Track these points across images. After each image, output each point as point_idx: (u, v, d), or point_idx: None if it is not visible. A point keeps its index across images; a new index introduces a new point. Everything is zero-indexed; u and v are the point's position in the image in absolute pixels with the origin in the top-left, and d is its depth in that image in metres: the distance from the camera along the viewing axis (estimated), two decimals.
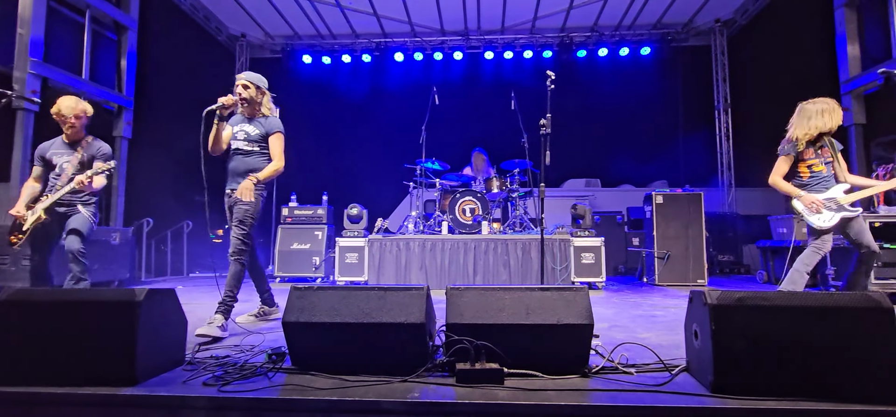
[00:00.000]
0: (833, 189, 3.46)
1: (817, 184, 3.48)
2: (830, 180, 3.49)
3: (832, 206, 3.42)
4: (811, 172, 3.52)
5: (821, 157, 3.50)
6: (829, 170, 3.50)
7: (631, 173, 9.25)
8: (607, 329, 3.18)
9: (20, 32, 5.06)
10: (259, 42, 9.91)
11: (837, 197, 3.43)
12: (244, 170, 3.17)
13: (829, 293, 1.90)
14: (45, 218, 3.22)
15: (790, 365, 1.79)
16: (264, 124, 3.27)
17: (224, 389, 1.89)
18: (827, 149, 3.51)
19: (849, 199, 3.41)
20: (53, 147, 3.44)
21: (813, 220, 3.44)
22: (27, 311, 2.05)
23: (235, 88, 3.20)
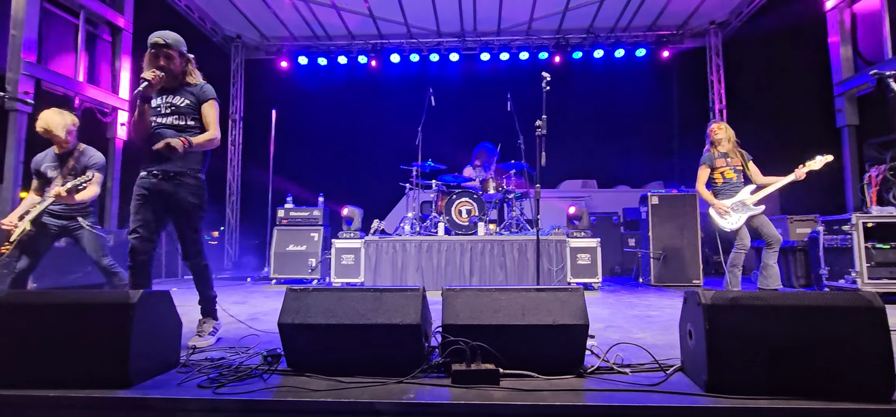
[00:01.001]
0: (741, 192, 4.12)
1: (729, 189, 4.15)
2: (740, 185, 4.15)
3: (739, 208, 4.08)
4: (724, 179, 4.20)
5: (731, 166, 4.18)
6: (739, 177, 4.16)
7: (627, 174, 9.28)
8: (603, 329, 3.19)
9: (13, 33, 5.03)
10: (254, 43, 9.88)
11: (744, 199, 4.08)
12: None
13: (822, 293, 1.92)
14: (30, 230, 3.21)
15: (784, 365, 1.80)
16: (195, 92, 2.79)
17: (219, 391, 1.88)
18: (737, 158, 4.21)
19: (754, 199, 4.05)
20: (47, 159, 3.42)
21: (723, 224, 4.12)
22: (19, 314, 2.03)
23: (153, 58, 2.67)
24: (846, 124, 6.14)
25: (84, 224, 3.39)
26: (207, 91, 2.82)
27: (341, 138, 9.75)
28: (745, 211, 4.04)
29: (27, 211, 3.28)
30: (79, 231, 3.39)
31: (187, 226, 2.76)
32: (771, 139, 8.02)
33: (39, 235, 3.28)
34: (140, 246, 2.65)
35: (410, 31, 9.29)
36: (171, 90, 2.75)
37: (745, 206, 4.05)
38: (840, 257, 4.71)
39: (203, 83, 2.85)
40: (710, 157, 4.26)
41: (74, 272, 4.67)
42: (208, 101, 2.80)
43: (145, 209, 2.67)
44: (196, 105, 2.77)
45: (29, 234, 3.20)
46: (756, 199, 4.05)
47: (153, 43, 2.66)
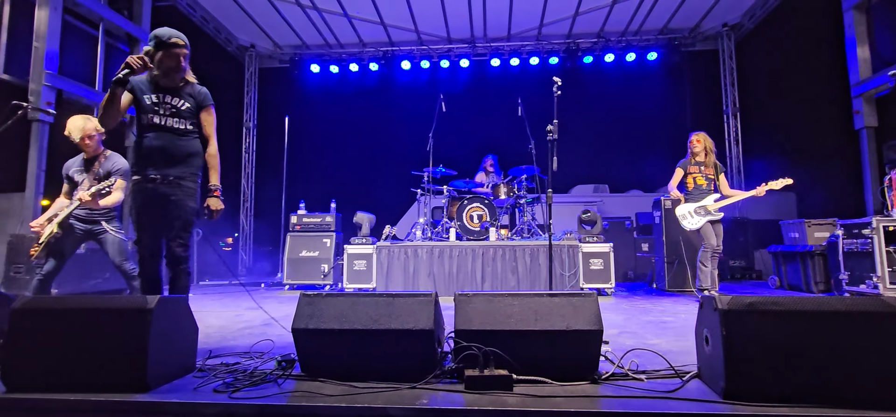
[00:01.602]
0: (707, 199, 4.66)
1: (698, 194, 4.72)
2: (708, 192, 4.69)
3: (701, 212, 4.65)
4: (695, 184, 4.76)
5: (703, 173, 4.73)
6: (709, 185, 4.71)
7: (639, 178, 9.18)
8: (617, 335, 3.16)
9: (36, 46, 5.17)
10: (268, 52, 10.02)
11: (707, 205, 4.64)
12: (184, 155, 2.61)
13: (842, 298, 1.88)
14: (56, 232, 3.29)
15: (803, 371, 1.77)
16: (195, 95, 2.67)
17: (234, 396, 1.91)
18: (711, 168, 4.74)
19: (715, 206, 4.62)
20: (75, 164, 3.54)
21: (684, 224, 4.77)
22: (40, 319, 2.08)
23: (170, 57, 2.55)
24: (864, 126, 6.02)
25: (108, 228, 3.47)
26: (207, 96, 2.71)
27: (353, 145, 9.83)
28: (705, 216, 4.62)
29: (55, 214, 3.36)
30: (103, 234, 3.48)
31: (182, 230, 2.61)
32: (787, 142, 7.91)
33: (66, 238, 3.36)
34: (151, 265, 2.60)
35: (421, 38, 9.35)
36: (172, 90, 2.62)
37: (706, 211, 4.62)
38: (860, 261, 4.61)
39: (201, 86, 2.73)
40: (685, 163, 4.84)
41: (93, 277, 4.75)
42: (207, 108, 2.70)
43: (149, 221, 2.58)
44: (195, 109, 2.67)
45: (56, 236, 3.28)
46: (718, 207, 4.61)
47: (174, 42, 2.56)
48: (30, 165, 5.05)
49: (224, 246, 9.53)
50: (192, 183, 2.65)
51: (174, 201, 2.57)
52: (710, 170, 4.72)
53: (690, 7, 8.33)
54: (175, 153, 2.58)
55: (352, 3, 8.16)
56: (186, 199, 2.60)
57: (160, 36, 2.56)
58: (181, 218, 2.59)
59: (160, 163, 2.55)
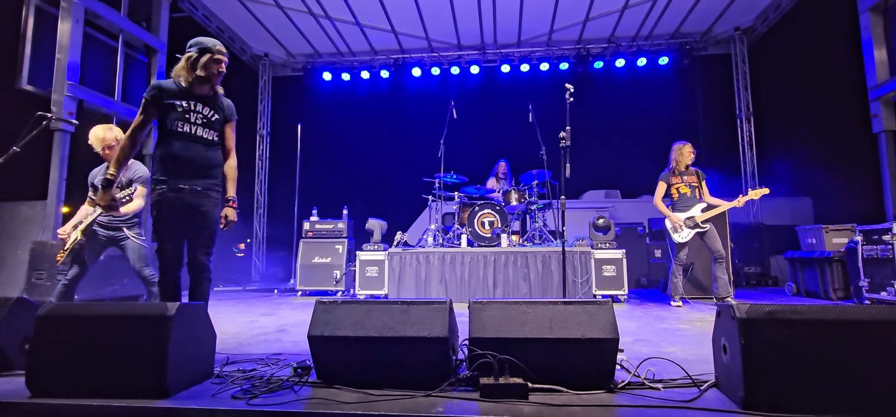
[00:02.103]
0: (693, 208, 4.68)
1: (683, 204, 4.74)
2: (693, 200, 4.72)
3: (690, 224, 4.67)
4: (679, 193, 4.79)
5: (686, 183, 4.77)
6: (693, 193, 4.74)
7: (651, 184, 9.06)
8: (631, 343, 3.13)
9: (58, 58, 5.31)
10: (281, 61, 10.16)
11: (695, 215, 4.65)
12: (211, 166, 2.63)
13: (863, 306, 1.85)
14: (80, 239, 3.36)
15: (824, 381, 1.74)
16: (224, 108, 2.71)
17: (252, 402, 1.93)
18: (693, 176, 4.79)
19: (703, 217, 4.62)
20: (99, 172, 3.60)
21: (674, 237, 4.77)
22: (64, 326, 2.12)
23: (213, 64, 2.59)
24: (883, 130, 5.91)
25: (130, 234, 3.53)
26: (234, 110, 2.79)
27: (365, 151, 9.91)
28: (694, 228, 4.64)
29: (80, 221, 3.44)
30: (125, 241, 3.53)
31: (208, 240, 2.66)
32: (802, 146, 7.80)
33: (89, 244, 3.43)
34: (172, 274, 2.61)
35: (431, 45, 9.41)
36: (205, 99, 2.63)
37: (694, 223, 4.63)
38: (881, 268, 4.52)
39: (229, 100, 2.79)
40: (666, 175, 4.90)
41: (111, 284, 4.84)
42: (232, 122, 2.77)
43: (173, 230, 2.59)
44: (223, 122, 2.71)
45: (80, 243, 3.35)
46: (705, 218, 4.61)
47: (219, 49, 2.61)
48: (52, 174, 5.17)
49: (236, 252, 9.64)
50: (217, 193, 2.69)
51: (203, 212, 2.60)
52: (692, 179, 4.78)
53: (702, 11, 8.28)
54: (204, 164, 2.60)
55: (363, 11, 8.25)
56: (213, 210, 2.64)
57: (204, 43, 2.61)
58: (208, 228, 2.64)
59: (190, 173, 2.56)
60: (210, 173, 2.63)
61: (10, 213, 5.24)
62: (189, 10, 7.74)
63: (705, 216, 4.61)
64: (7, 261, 5.16)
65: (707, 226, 4.60)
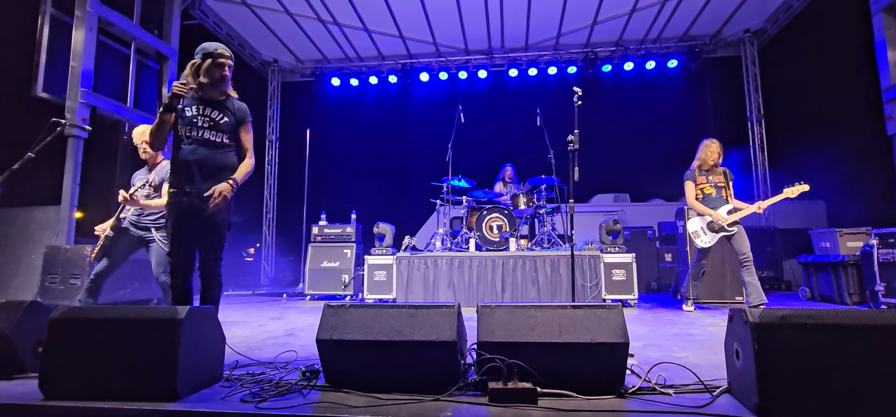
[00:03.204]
0: (719, 210, 4.35)
1: (708, 204, 4.44)
2: (719, 201, 4.41)
3: (715, 228, 4.35)
4: (704, 194, 4.50)
5: (711, 183, 4.47)
6: (719, 193, 4.43)
7: (661, 187, 9.03)
8: (642, 348, 3.10)
9: (72, 65, 5.40)
10: (290, 67, 10.25)
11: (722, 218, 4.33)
12: (219, 168, 2.62)
13: (880, 311, 1.81)
14: (109, 234, 3.39)
15: (840, 387, 1.71)
16: (234, 110, 2.70)
17: (261, 406, 1.93)
18: (720, 176, 4.48)
19: (730, 219, 4.28)
20: (141, 172, 3.65)
21: (697, 242, 4.47)
22: (76, 329, 2.14)
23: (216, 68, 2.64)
24: None
25: (157, 237, 3.47)
26: (246, 112, 2.77)
27: (373, 156, 9.95)
28: (719, 232, 4.34)
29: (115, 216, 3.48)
30: (152, 243, 3.47)
31: (217, 245, 2.67)
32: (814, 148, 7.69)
33: (119, 240, 3.41)
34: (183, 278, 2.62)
35: (439, 50, 9.44)
36: (213, 103, 2.65)
37: (720, 226, 4.32)
38: None
39: (241, 103, 2.78)
40: (692, 174, 4.59)
41: (124, 288, 4.89)
42: (246, 124, 2.74)
43: (183, 234, 2.61)
44: (235, 125, 2.69)
45: (109, 238, 3.38)
46: (731, 220, 4.26)
47: (220, 52, 2.64)
48: (65, 179, 5.25)
49: (246, 257, 9.71)
50: None
51: (209, 217, 2.59)
52: (719, 178, 4.48)
53: (711, 14, 8.22)
54: (211, 166, 2.59)
55: (371, 17, 8.31)
56: (221, 213, 2.63)
57: (207, 48, 2.67)
58: (216, 232, 2.64)
59: (196, 176, 2.57)
60: (218, 175, 2.61)
61: (25, 218, 5.32)
62: (200, 18, 7.84)
63: (732, 218, 4.27)
64: (22, 265, 5.24)
65: (734, 229, 4.26)
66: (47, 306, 2.62)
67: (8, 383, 2.35)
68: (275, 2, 7.85)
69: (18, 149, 3.11)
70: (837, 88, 7.27)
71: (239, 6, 7.94)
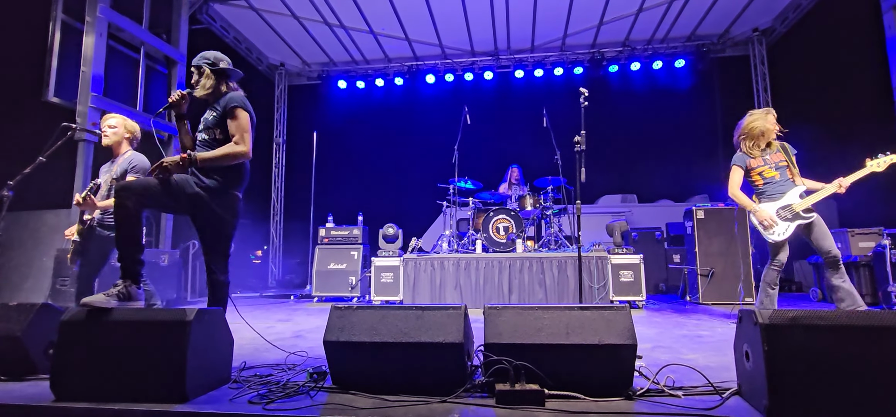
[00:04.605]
0: (789, 194, 3.43)
1: (773, 191, 3.48)
2: (786, 184, 3.47)
3: (787, 215, 3.41)
4: (764, 179, 3.53)
5: (771, 163, 3.52)
6: (784, 175, 3.48)
7: (669, 188, 8.97)
8: (650, 349, 3.08)
9: (83, 70, 5.47)
10: (297, 70, 10.32)
11: (793, 203, 3.39)
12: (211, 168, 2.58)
13: (892, 312, 1.79)
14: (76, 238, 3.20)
15: (852, 389, 1.68)
16: (220, 104, 2.64)
17: (268, 407, 1.94)
18: (779, 153, 3.53)
19: (804, 204, 3.36)
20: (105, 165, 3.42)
21: (768, 236, 3.46)
22: (87, 331, 2.17)
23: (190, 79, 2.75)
24: None
25: None
26: (232, 98, 2.63)
27: (379, 158, 9.98)
28: (795, 220, 3.36)
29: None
30: None
31: (221, 242, 2.63)
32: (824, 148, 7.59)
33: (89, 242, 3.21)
34: (130, 204, 2.36)
35: (445, 52, 9.45)
36: (208, 107, 2.73)
37: (793, 212, 3.37)
38: None
39: (231, 94, 2.67)
40: (741, 157, 3.62)
41: None
42: (232, 111, 2.58)
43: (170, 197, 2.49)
44: (221, 117, 2.61)
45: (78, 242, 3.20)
46: (808, 204, 3.34)
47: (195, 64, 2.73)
48: (76, 183, 5.31)
49: (253, 259, 9.77)
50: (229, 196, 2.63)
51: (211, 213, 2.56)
52: (779, 157, 3.52)
53: (719, 13, 8.16)
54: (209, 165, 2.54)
55: (377, 20, 8.34)
56: (223, 211, 2.59)
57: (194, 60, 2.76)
58: (218, 230, 2.61)
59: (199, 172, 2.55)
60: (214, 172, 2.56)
61: (36, 221, 5.39)
62: (207, 22, 7.91)
63: (807, 203, 3.34)
64: (33, 268, 5.31)
65: (812, 216, 3.33)
66: (58, 308, 2.65)
67: (19, 384, 2.38)
68: (281, 5, 7.90)
69: (30, 154, 3.15)
70: (847, 87, 7.18)
71: (246, 10, 8.01)
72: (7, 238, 5.37)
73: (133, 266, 2.41)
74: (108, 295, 2.27)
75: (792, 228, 3.37)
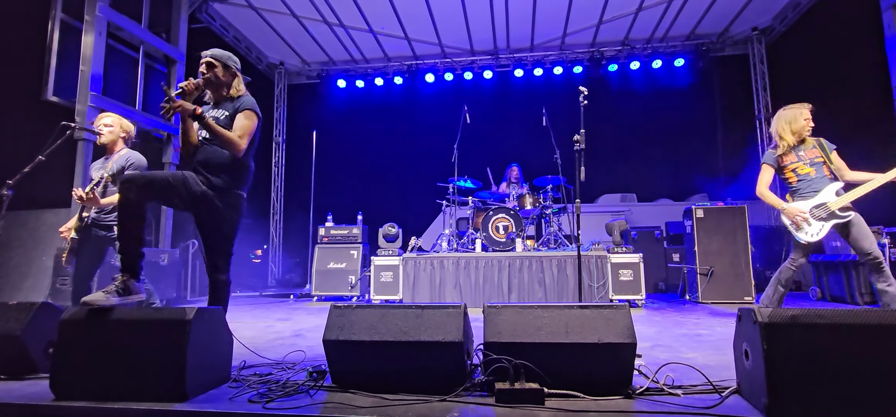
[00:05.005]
0: (823, 192, 3.26)
1: (806, 188, 3.32)
2: (821, 181, 3.30)
3: (822, 214, 3.24)
4: (798, 176, 3.37)
5: (805, 159, 3.36)
6: (819, 172, 3.31)
7: (668, 187, 8.98)
8: (649, 348, 3.08)
9: (82, 69, 5.47)
10: (296, 69, 10.31)
11: (827, 202, 3.22)
12: (217, 163, 2.60)
13: (891, 311, 1.79)
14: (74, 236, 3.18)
15: (852, 388, 1.69)
16: (233, 104, 2.71)
17: (268, 406, 1.94)
18: (815, 149, 3.37)
19: (840, 203, 3.18)
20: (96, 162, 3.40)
21: (799, 236, 3.30)
22: (87, 330, 2.17)
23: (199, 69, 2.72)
24: None
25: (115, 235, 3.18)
26: (245, 101, 2.71)
27: (379, 157, 9.98)
28: (830, 219, 3.19)
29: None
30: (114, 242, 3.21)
31: (224, 241, 2.64)
32: None
33: (84, 242, 3.19)
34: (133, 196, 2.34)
35: (444, 51, 9.45)
36: (217, 103, 2.73)
37: (828, 211, 3.20)
38: None
39: (244, 96, 2.75)
40: (771, 155, 3.48)
41: None
42: (243, 111, 2.67)
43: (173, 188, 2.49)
44: (233, 117, 2.66)
45: (75, 240, 3.19)
46: (844, 202, 3.17)
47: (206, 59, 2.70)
48: (75, 182, 5.31)
49: (253, 258, 9.77)
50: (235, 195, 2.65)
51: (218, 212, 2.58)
52: (814, 153, 3.35)
53: (718, 12, 8.16)
54: (215, 163, 2.58)
55: (377, 19, 8.33)
56: (229, 211, 2.62)
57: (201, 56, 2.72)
58: (222, 229, 2.62)
59: (206, 170, 2.57)
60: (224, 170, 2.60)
61: (36, 221, 5.39)
62: (207, 21, 7.90)
63: (843, 201, 3.18)
64: (33, 268, 5.31)
65: (849, 215, 3.17)
66: (58, 307, 2.65)
67: (19, 383, 2.38)
68: (281, 4, 7.90)
69: (29, 153, 3.14)
70: (846, 86, 7.18)
71: (245, 9, 8.00)
72: (7, 237, 5.37)
73: (134, 259, 2.38)
74: (107, 292, 2.26)
75: (827, 229, 3.21)
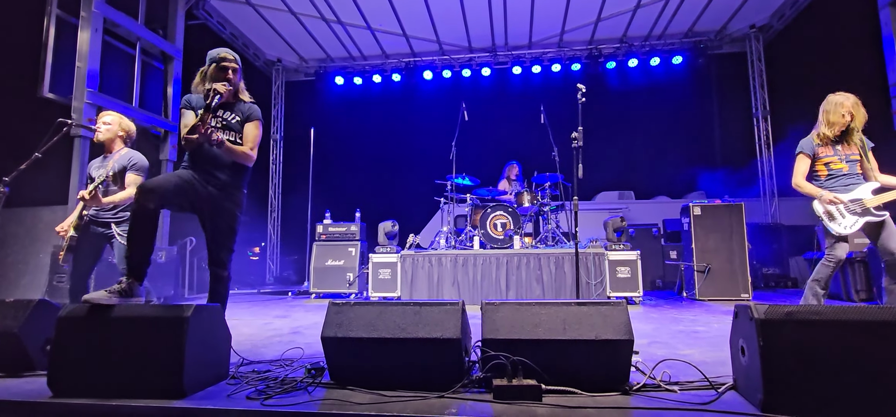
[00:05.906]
0: (859, 189, 3.15)
1: (838, 185, 3.22)
2: (855, 179, 3.20)
3: (856, 209, 3.12)
4: (829, 171, 3.26)
5: (842, 155, 3.22)
6: (853, 168, 3.20)
7: (666, 184, 9.01)
8: (647, 345, 3.09)
9: (78, 66, 5.44)
10: (294, 66, 10.28)
11: (863, 198, 3.11)
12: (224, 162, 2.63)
13: (887, 307, 1.80)
14: (72, 234, 3.17)
15: (847, 384, 1.70)
16: (244, 110, 2.76)
17: (267, 403, 1.95)
18: (853, 145, 3.24)
19: (876, 201, 3.09)
20: (94, 161, 3.40)
21: (832, 227, 3.17)
22: (84, 327, 2.16)
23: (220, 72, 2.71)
24: None
25: (117, 232, 3.22)
26: (255, 111, 2.80)
27: (377, 154, 9.97)
28: (864, 215, 3.10)
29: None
30: (114, 239, 3.24)
31: (228, 237, 2.67)
32: None
33: (82, 239, 3.19)
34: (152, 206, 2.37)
35: (442, 48, 9.43)
36: (225, 105, 2.74)
37: (863, 208, 3.10)
38: None
39: (253, 103, 2.83)
40: (809, 143, 3.33)
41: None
42: (253, 121, 2.76)
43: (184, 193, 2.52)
44: (243, 123, 2.73)
45: (73, 238, 3.18)
46: (880, 201, 3.08)
47: (222, 56, 2.72)
48: (72, 179, 5.29)
49: (251, 256, 9.76)
50: (238, 192, 2.71)
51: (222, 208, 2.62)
52: (851, 149, 3.24)
53: (716, 10, 8.17)
54: (222, 163, 2.62)
55: (375, 16, 8.31)
56: (233, 207, 2.66)
57: (212, 53, 2.74)
58: (227, 224, 2.65)
59: (209, 168, 2.60)
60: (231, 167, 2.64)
61: (33, 218, 5.37)
62: (204, 18, 7.87)
63: (879, 200, 3.09)
64: (30, 265, 5.29)
65: (884, 214, 3.07)
66: (55, 305, 2.65)
67: (17, 380, 2.38)
68: (278, 1, 7.86)
69: (26, 150, 3.13)
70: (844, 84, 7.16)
71: (243, 6, 7.97)
72: (4, 234, 5.35)
73: (141, 266, 2.41)
74: (109, 292, 2.26)
75: (859, 224, 3.12)
